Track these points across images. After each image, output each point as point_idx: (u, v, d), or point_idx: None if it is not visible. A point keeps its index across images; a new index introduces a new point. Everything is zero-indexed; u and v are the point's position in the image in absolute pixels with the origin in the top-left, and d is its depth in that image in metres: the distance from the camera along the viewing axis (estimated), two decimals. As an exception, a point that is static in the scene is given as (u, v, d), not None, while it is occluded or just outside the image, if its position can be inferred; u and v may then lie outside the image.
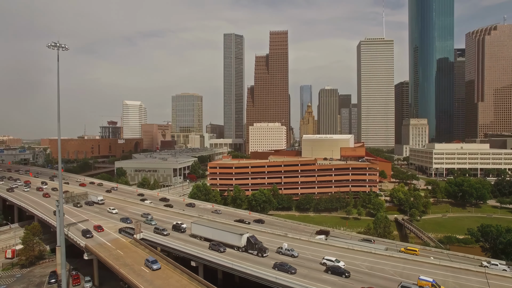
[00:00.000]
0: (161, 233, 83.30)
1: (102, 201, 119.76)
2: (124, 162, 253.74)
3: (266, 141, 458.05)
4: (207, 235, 78.37)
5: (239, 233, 73.48)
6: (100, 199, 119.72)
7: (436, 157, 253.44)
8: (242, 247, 72.16)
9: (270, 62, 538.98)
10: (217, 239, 75.60)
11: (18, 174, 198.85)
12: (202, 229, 79.77)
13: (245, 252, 71.51)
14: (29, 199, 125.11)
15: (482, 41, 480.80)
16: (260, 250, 70.29)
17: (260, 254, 69.82)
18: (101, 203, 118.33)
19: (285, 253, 71.04)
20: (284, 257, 69.57)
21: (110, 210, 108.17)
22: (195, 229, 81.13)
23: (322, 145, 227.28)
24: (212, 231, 77.60)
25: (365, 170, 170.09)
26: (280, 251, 72.19)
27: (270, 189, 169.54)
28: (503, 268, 71.87)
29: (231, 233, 74.21)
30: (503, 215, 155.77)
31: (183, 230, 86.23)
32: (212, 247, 73.37)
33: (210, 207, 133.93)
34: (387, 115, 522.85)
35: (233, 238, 73.14)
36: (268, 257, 69.21)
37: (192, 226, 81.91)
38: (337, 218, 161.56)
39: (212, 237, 76.80)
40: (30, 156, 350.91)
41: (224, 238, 74.66)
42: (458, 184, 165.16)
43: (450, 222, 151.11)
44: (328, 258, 66.70)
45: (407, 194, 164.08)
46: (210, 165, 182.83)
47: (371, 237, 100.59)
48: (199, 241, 78.96)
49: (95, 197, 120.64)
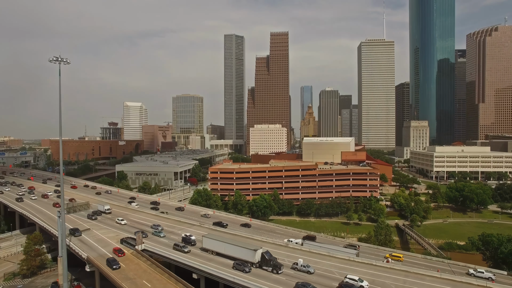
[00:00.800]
0: (181, 250, 78.51)
1: (109, 210, 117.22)
2: (125, 165, 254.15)
3: (266, 143, 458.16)
4: (219, 249, 75.91)
5: (253, 248, 70.92)
6: (106, 208, 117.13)
7: (436, 160, 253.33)
8: (256, 263, 69.37)
9: (271, 63, 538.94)
10: (229, 254, 73.38)
11: (21, 179, 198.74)
12: (214, 243, 77.23)
13: (259, 268, 68.93)
14: (33, 207, 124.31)
15: (483, 42, 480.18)
16: (275, 266, 67.90)
17: (275, 271, 67.41)
18: (108, 212, 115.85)
19: (301, 269, 68.61)
20: (300, 274, 67.44)
21: (118, 221, 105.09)
22: (207, 243, 78.49)
23: (323, 148, 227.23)
24: (225, 245, 75.06)
25: (366, 175, 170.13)
26: (295, 267, 69.59)
27: (271, 194, 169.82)
28: (489, 276, 72.32)
29: (244, 248, 71.59)
30: (504, 220, 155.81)
31: (193, 243, 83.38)
32: (237, 266, 69.07)
33: (199, 210, 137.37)
34: (387, 116, 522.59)
35: (247, 253, 70.67)
36: (283, 274, 67.06)
37: (204, 240, 79.19)
38: (338, 223, 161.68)
39: (225, 252, 74.45)
40: (31, 159, 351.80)
41: (237, 253, 72.26)
42: (459, 189, 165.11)
43: (451, 227, 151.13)
44: (350, 277, 64.17)
45: (408, 199, 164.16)
46: (211, 170, 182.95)
47: (357, 242, 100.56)
48: (212, 255, 76.36)
49: (101, 206, 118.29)
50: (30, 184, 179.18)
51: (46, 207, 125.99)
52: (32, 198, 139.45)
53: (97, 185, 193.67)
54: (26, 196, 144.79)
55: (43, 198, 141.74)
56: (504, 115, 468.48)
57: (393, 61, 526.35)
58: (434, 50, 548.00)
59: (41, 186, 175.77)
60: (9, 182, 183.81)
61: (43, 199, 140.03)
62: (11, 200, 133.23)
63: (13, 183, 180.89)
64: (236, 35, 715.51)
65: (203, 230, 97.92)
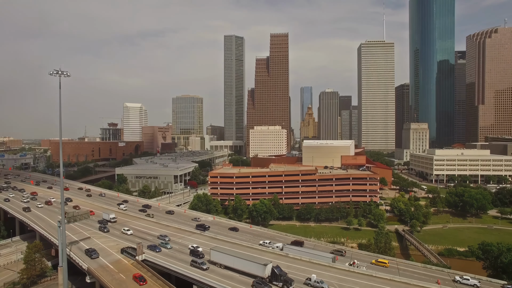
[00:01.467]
0: (200, 267, 74.85)
1: (114, 219, 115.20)
2: (125, 168, 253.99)
3: (266, 144, 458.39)
4: (227, 263, 74.69)
5: (263, 263, 69.78)
6: (112, 217, 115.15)
7: (436, 164, 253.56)
8: (265, 278, 68.00)
9: (271, 64, 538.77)
10: (238, 268, 72.38)
11: (23, 184, 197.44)
12: (222, 257, 75.97)
13: (269, 283, 67.49)
14: (36, 215, 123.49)
15: (483, 43, 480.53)
16: (286, 282, 66.18)
17: (286, 287, 65.62)
18: (113, 221, 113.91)
19: (314, 285, 66.71)
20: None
21: (124, 231, 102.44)
22: (215, 256, 77.30)
23: (322, 151, 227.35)
24: (233, 259, 73.90)
25: (366, 180, 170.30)
26: (308, 283, 67.60)
27: (271, 198, 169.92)
28: (474, 283, 72.85)
29: (254, 263, 70.48)
30: (504, 226, 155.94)
31: (201, 256, 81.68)
32: (257, 286, 66.53)
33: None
34: (387, 118, 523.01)
35: (256, 268, 69.51)
36: None
37: (212, 253, 78.07)
38: (338, 229, 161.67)
39: (233, 266, 73.40)
40: (30, 160, 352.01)
41: (246, 267, 71.08)
42: (459, 194, 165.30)
43: (451, 233, 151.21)
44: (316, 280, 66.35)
45: (408, 204, 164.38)
46: (211, 174, 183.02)
47: (343, 247, 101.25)
48: (220, 269, 75.24)
49: (106, 215, 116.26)
50: (31, 188, 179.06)
51: (49, 214, 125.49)
52: (38, 206, 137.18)
53: (91, 188, 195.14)
54: (31, 203, 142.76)
55: (46, 205, 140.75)
56: (504, 116, 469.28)
57: (393, 63, 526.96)
58: (434, 52, 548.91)
59: (43, 191, 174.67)
60: (11, 187, 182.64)
61: (47, 206, 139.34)
62: (19, 210, 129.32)
63: (15, 188, 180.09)
64: (236, 36, 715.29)
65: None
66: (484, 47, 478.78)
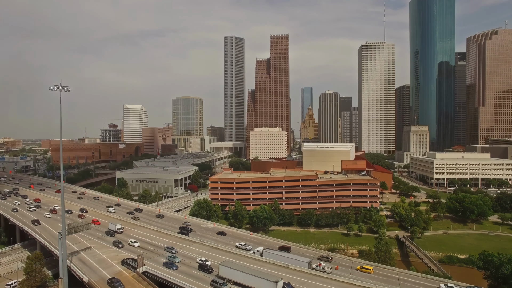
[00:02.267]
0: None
1: (121, 229, 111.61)
2: (125, 172, 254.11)
3: (266, 146, 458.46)
4: (237, 279, 73.98)
5: (274, 280, 69.30)
6: (118, 227, 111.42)
7: (437, 167, 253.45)
8: None
9: (271, 66, 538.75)
10: (248, 285, 72.05)
11: (24, 189, 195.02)
12: (232, 272, 75.15)
13: None
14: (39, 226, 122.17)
15: (483, 45, 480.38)
16: None
17: None
18: (120, 232, 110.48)
19: None
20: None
21: (131, 243, 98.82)
22: (224, 272, 76.38)
23: (323, 156, 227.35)
24: (243, 275, 73.21)
25: (366, 185, 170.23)
26: None
27: (272, 204, 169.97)
28: None
29: (264, 280, 69.99)
30: (504, 232, 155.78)
31: (210, 271, 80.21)
32: None
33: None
34: (387, 119, 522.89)
35: (267, 285, 69.15)
36: None
37: (220, 268, 77.16)
38: (338, 235, 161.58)
39: (243, 282, 72.75)
40: (31, 163, 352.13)
41: (257, 284, 70.62)
42: (459, 200, 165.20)
43: (451, 239, 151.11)
44: None
45: (408, 210, 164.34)
46: (212, 180, 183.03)
47: (330, 253, 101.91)
48: (230, 285, 74.58)
49: (113, 225, 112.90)
50: (35, 194, 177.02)
51: (52, 223, 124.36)
52: (46, 216, 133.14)
53: (87, 191, 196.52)
54: (38, 212, 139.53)
55: (51, 213, 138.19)
56: (504, 118, 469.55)
57: (393, 64, 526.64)
58: (434, 53, 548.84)
59: (46, 197, 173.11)
60: (13, 193, 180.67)
61: (52, 215, 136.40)
62: (28, 223, 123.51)
63: (17, 194, 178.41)
64: (236, 37, 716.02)
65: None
66: (484, 48, 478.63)
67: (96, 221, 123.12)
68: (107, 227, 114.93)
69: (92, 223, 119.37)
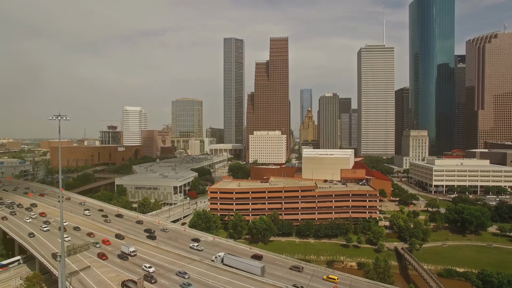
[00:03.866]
0: None
1: (134, 252, 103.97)
2: (124, 179, 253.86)
3: (266, 150, 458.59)
4: None
5: None
6: (132, 250, 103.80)
7: (436, 174, 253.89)
8: None
9: (271, 68, 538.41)
10: None
11: (25, 198, 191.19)
12: None
13: None
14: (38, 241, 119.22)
15: (482, 49, 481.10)
16: None
17: None
18: (133, 254, 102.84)
19: None
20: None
21: (145, 268, 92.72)
22: None
23: (322, 163, 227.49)
24: None
25: (365, 196, 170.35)
26: None
27: (271, 214, 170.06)
28: None
29: None
30: (504, 244, 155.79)
31: None
32: None
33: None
34: (387, 122, 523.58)
35: None
36: None
37: None
38: (337, 246, 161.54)
39: None
40: (30, 167, 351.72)
41: None
42: (459, 211, 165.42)
43: (450, 251, 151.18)
44: None
45: (407, 221, 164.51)
46: (211, 190, 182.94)
47: (301, 263, 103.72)
48: None
49: (126, 248, 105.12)
50: (39, 207, 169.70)
51: (52, 239, 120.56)
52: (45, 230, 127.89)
53: (89, 201, 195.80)
54: (52, 232, 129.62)
55: (59, 230, 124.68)
56: (503, 121, 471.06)
57: (392, 67, 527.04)
58: (434, 55, 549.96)
59: (51, 210, 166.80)
60: (15, 203, 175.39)
61: (58, 232, 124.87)
62: (26, 238, 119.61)
63: (20, 205, 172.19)
64: (235, 39, 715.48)
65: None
66: (483, 52, 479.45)
67: (107, 241, 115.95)
68: (118, 247, 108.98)
69: (102, 243, 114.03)
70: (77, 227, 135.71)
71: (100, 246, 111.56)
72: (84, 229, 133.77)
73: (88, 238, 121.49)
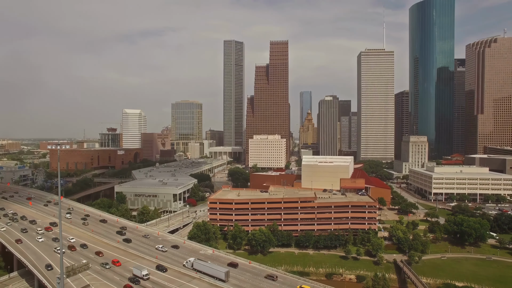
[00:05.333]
0: None
1: (147, 275, 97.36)
2: (124, 186, 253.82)
3: (265, 154, 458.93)
4: None
5: None
6: (144, 273, 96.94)
7: (435, 182, 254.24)
8: None
9: (271, 72, 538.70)
10: None
11: (26, 208, 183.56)
12: None
13: None
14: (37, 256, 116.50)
15: (482, 53, 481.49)
16: None
17: None
18: (146, 278, 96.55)
19: None
20: None
21: None
22: None
23: (322, 171, 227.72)
24: None
25: (365, 208, 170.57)
26: None
27: (271, 225, 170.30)
28: None
29: None
30: (503, 256, 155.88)
31: None
32: None
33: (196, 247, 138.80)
34: (386, 126, 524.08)
35: None
36: None
37: None
38: (336, 257, 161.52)
39: None
40: (29, 172, 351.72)
41: None
42: (458, 223, 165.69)
43: (449, 264, 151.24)
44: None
45: (406, 233, 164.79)
46: (211, 200, 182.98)
47: (277, 272, 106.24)
48: None
49: (138, 271, 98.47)
50: (43, 220, 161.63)
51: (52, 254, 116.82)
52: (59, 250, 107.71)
53: (78, 206, 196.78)
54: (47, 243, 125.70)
55: (70, 250, 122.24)
56: (503, 126, 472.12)
57: (392, 71, 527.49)
58: (434, 59, 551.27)
59: (52, 219, 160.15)
60: (19, 216, 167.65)
61: (69, 252, 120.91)
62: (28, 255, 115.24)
63: (24, 218, 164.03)
64: (236, 41, 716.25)
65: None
66: (483, 56, 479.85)
67: (117, 261, 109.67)
68: (128, 268, 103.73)
69: (112, 263, 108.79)
70: (84, 244, 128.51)
71: (110, 267, 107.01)
72: (92, 247, 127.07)
73: (97, 257, 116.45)
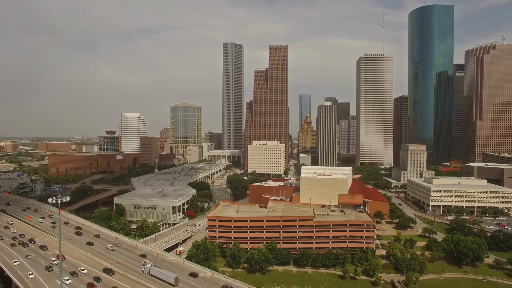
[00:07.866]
0: None
1: None
2: (123, 198, 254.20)
3: (264, 160, 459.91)
4: None
5: None
6: None
7: (433, 195, 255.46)
8: None
9: (270, 77, 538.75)
10: None
11: (28, 227, 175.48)
12: None
13: None
14: None
15: (481, 59, 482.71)
16: None
17: None
18: None
19: None
20: None
21: None
22: None
23: (320, 185, 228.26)
24: None
25: (363, 227, 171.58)
26: None
27: (269, 243, 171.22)
28: None
29: None
30: (500, 277, 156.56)
31: None
32: None
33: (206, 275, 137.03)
34: (385, 132, 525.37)
35: None
36: None
37: None
38: (334, 277, 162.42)
39: None
40: (28, 179, 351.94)
41: None
42: (455, 243, 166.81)
43: (446, 286, 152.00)
44: None
45: (404, 252, 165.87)
46: (210, 218, 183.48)
47: (235, 282, 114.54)
48: None
49: None
50: (53, 247, 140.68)
51: None
52: None
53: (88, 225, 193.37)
54: None
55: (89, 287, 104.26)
56: (501, 132, 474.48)
57: (392, 76, 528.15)
58: (433, 63, 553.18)
59: (70, 248, 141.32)
60: (27, 239, 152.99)
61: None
62: None
63: (32, 241, 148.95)
64: (235, 44, 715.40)
65: None
66: (482, 62, 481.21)
67: None
68: None
69: None
70: (98, 277, 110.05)
71: None
72: (106, 279, 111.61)
73: None
